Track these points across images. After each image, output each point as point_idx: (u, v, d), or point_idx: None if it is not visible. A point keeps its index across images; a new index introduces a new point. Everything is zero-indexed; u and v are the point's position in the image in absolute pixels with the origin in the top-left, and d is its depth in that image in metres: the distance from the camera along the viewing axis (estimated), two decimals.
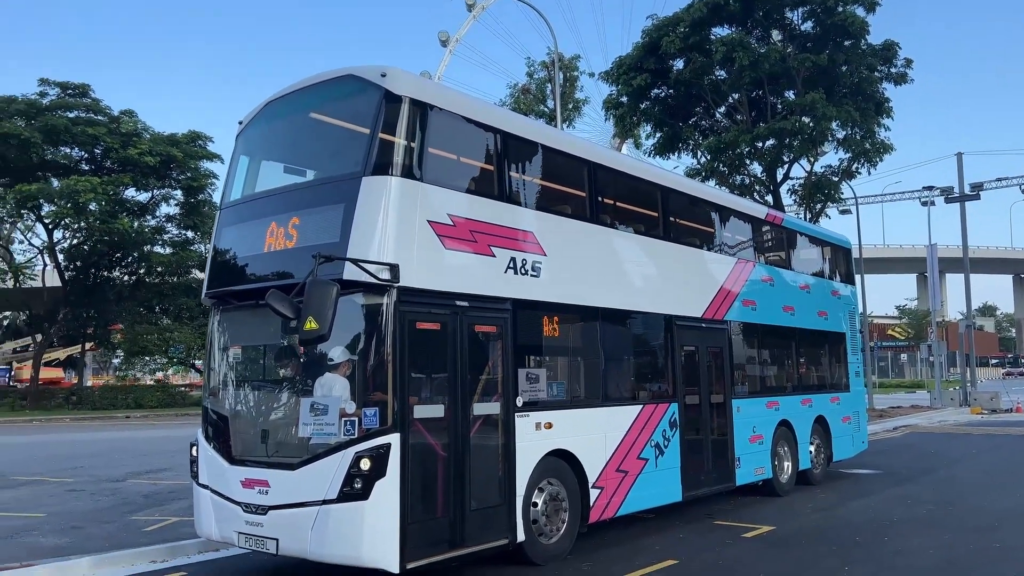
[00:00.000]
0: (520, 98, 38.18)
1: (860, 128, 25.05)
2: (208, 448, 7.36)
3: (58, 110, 36.33)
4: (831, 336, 14.04)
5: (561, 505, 7.89)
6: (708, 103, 27.34)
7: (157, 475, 14.58)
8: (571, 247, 8.46)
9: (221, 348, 7.84)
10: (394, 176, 6.65)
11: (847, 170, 26.88)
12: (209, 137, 39.69)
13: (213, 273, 7.82)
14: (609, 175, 9.36)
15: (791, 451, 12.12)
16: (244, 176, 8.04)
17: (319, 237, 6.72)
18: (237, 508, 6.85)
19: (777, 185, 27.09)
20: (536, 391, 7.74)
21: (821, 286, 14.04)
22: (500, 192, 7.74)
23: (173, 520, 10.00)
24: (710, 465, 10.30)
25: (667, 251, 10.08)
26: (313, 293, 5.97)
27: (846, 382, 14.42)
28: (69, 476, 14.52)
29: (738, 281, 11.36)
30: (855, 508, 10.72)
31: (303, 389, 6.90)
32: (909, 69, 25.42)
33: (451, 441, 6.81)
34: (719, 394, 10.71)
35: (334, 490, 6.22)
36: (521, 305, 7.65)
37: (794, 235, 13.69)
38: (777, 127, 24.52)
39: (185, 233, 41.33)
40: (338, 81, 7.39)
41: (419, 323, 6.72)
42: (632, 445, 8.89)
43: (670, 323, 9.87)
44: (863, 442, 15.00)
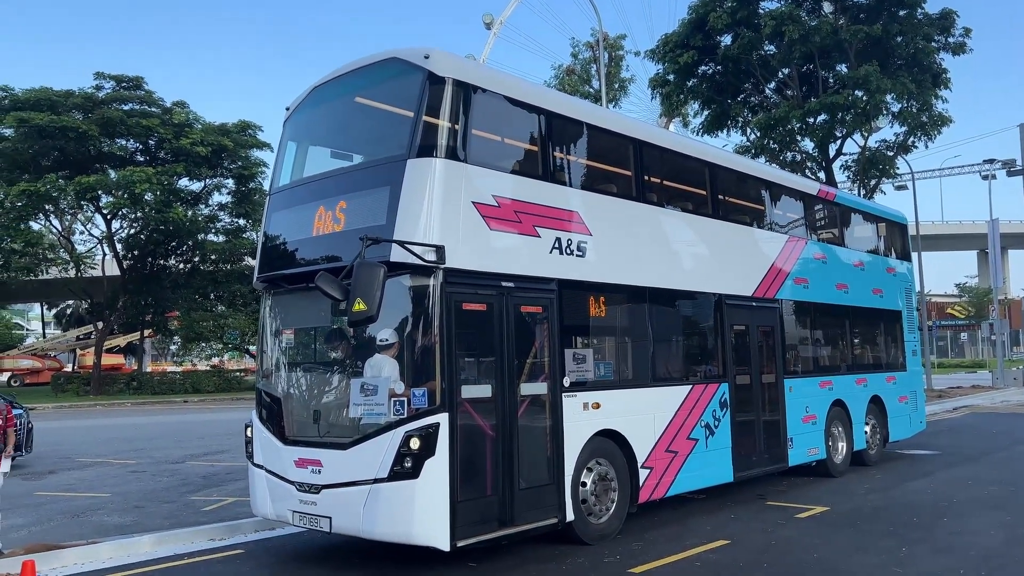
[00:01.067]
0: (565, 79, 37.91)
1: (916, 101, 24.27)
2: (262, 429, 7.52)
3: (113, 103, 37.32)
4: (886, 314, 13.70)
5: (610, 485, 7.88)
6: (757, 79, 26.78)
7: (214, 457, 14.99)
8: (617, 226, 8.39)
9: (273, 332, 7.98)
10: (438, 158, 6.67)
11: (903, 144, 26.11)
12: (259, 126, 40.38)
13: (264, 258, 7.96)
14: (655, 152, 9.24)
15: (845, 431, 11.89)
16: (292, 161, 8.14)
17: (366, 220, 6.78)
18: (291, 487, 6.99)
19: (830, 161, 26.45)
20: (583, 371, 7.72)
21: (876, 263, 13.69)
22: (545, 172, 7.70)
23: (230, 500, 10.27)
24: (762, 445, 10.17)
25: (716, 229, 9.93)
26: (361, 275, 6.03)
27: (903, 361, 14.06)
28: (131, 458, 15.02)
29: (790, 259, 11.14)
30: (913, 489, 10.49)
31: (353, 370, 7.00)
32: (967, 38, 24.51)
33: (499, 421, 6.84)
34: (770, 374, 10.54)
35: (385, 469, 6.30)
36: (567, 285, 7.62)
37: (847, 211, 13.35)
38: (829, 101, 23.88)
39: (237, 221, 42.22)
40: (382, 64, 7.42)
41: (465, 304, 6.75)
42: (682, 425, 8.82)
43: (720, 302, 9.74)
44: (921, 422, 14.64)
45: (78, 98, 36.65)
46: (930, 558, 7.01)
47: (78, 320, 66.84)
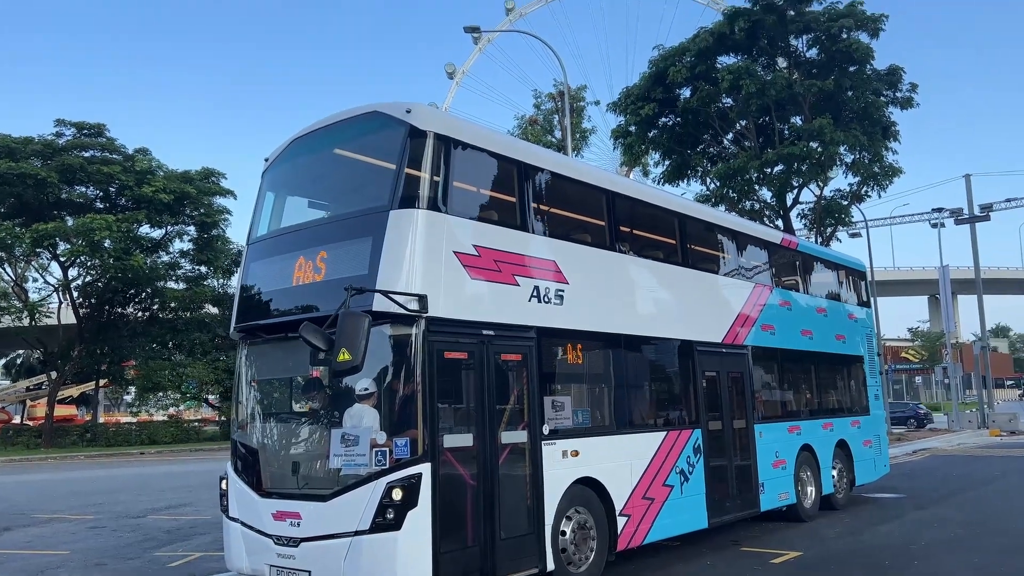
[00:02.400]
0: (528, 129, 38.55)
1: (868, 152, 25.23)
2: (238, 481, 7.40)
3: (74, 150, 36.86)
4: (849, 359, 14.04)
5: (589, 533, 7.88)
6: (716, 130, 27.60)
7: (177, 510, 14.59)
8: (592, 275, 8.55)
9: (249, 382, 7.91)
10: (420, 209, 6.78)
11: (856, 194, 27.04)
12: (222, 173, 40.18)
13: (241, 308, 7.92)
14: (627, 203, 9.48)
15: (814, 476, 12.06)
16: (270, 212, 8.18)
17: (347, 270, 6.82)
18: (268, 540, 6.87)
19: (787, 210, 27.21)
20: (562, 419, 7.78)
21: (838, 310, 14.06)
22: (523, 222, 7.85)
23: (197, 555, 10.01)
24: (734, 491, 10.27)
25: (686, 277, 10.15)
26: (346, 324, 6.06)
27: (866, 405, 14.37)
28: (89, 513, 14.55)
29: (756, 306, 11.41)
30: (882, 532, 10.65)
31: (333, 420, 6.96)
32: (914, 93, 25.67)
33: (480, 470, 6.84)
34: (741, 419, 10.70)
35: (367, 521, 6.25)
36: (545, 333, 7.72)
37: (809, 259, 13.74)
38: (785, 152, 24.71)
39: (198, 268, 41.65)
40: (364, 118, 7.55)
41: (447, 352, 6.80)
42: (657, 472, 8.89)
43: (691, 348, 9.91)
44: (885, 465, 14.92)
45: (37, 145, 36.17)
46: None
47: (28, 370, 64.78)
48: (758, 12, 25.04)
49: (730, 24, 25.30)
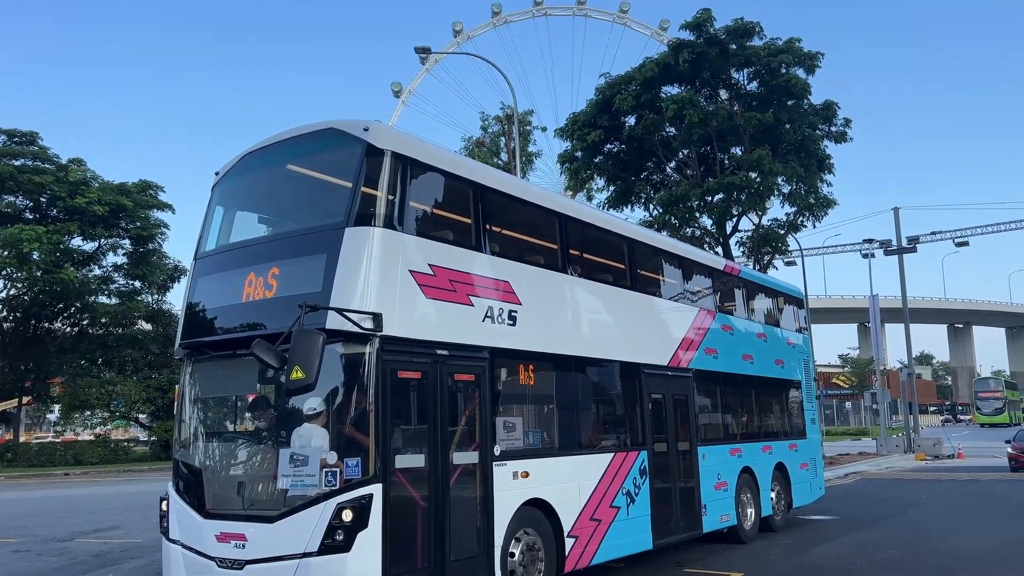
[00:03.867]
0: (475, 151, 38.69)
1: (804, 183, 26.06)
2: (180, 502, 7.19)
3: (3, 158, 35.57)
4: (787, 384, 14.41)
5: (538, 555, 7.88)
6: (659, 158, 28.17)
7: (106, 533, 14.04)
8: (545, 297, 8.63)
9: (193, 399, 7.71)
10: (376, 227, 6.75)
11: (792, 223, 27.84)
12: (160, 187, 39.24)
13: (187, 324, 7.73)
14: (579, 227, 9.61)
15: (754, 497, 12.30)
16: (219, 227, 8.03)
17: (300, 287, 6.74)
18: (211, 563, 6.67)
19: (727, 237, 27.87)
20: (513, 440, 7.79)
21: (777, 335, 14.44)
22: (478, 243, 7.89)
23: None
24: (678, 512, 10.40)
25: (634, 300, 10.31)
26: (299, 342, 5.98)
27: (803, 429, 14.75)
28: (12, 536, 13.89)
29: (700, 330, 11.64)
30: (819, 554, 10.90)
31: (280, 440, 6.83)
32: (848, 127, 26.65)
33: (431, 491, 6.80)
34: (685, 441, 10.87)
35: (315, 543, 6.14)
36: (498, 353, 7.74)
37: (751, 286, 14.10)
38: (726, 182, 25.36)
39: (132, 283, 40.42)
40: (319, 135, 7.51)
41: (400, 372, 6.76)
42: (605, 493, 8.96)
43: (638, 371, 10.05)
44: (820, 488, 15.31)
45: None
46: None
47: None
48: (701, 45, 25.73)
49: (675, 55, 25.93)
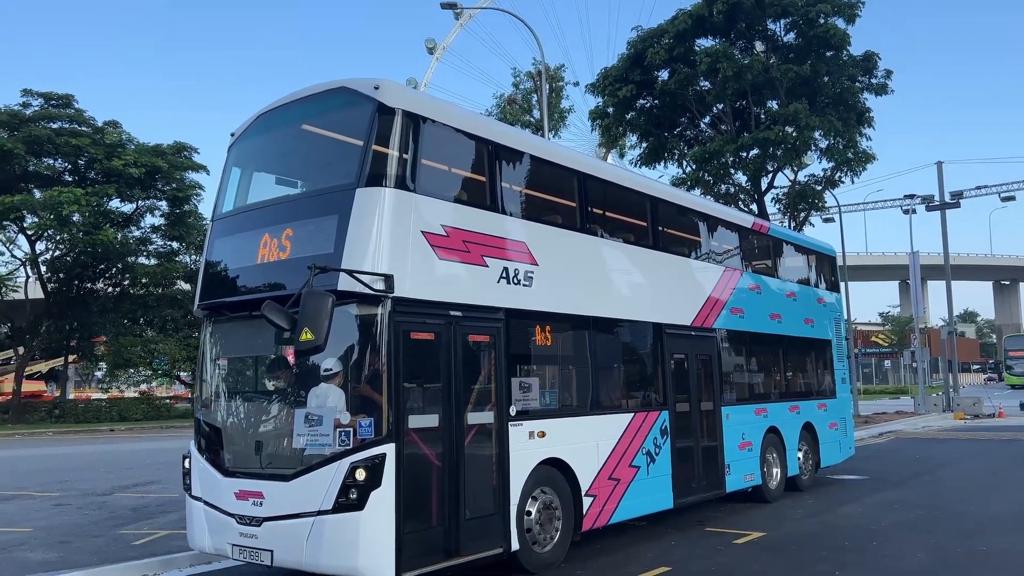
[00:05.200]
0: (506, 108, 38.31)
1: (842, 138, 25.36)
2: (201, 460, 7.34)
3: (41, 121, 36.08)
4: (817, 343, 14.18)
5: (555, 514, 7.92)
6: (693, 113, 27.60)
7: (144, 488, 14.47)
8: (562, 257, 8.53)
9: (213, 360, 7.82)
10: (388, 187, 6.70)
11: (830, 179, 27.21)
12: (194, 148, 39.56)
13: (205, 285, 7.81)
14: (599, 185, 9.45)
15: (780, 458, 12.21)
16: (236, 188, 8.05)
17: (313, 248, 6.74)
18: (231, 520, 6.83)
19: (761, 194, 27.35)
20: (529, 400, 7.79)
21: (807, 294, 14.19)
22: (492, 203, 7.80)
23: (163, 533, 9.93)
24: (700, 472, 10.37)
25: (656, 260, 10.17)
26: (308, 304, 5.99)
27: (833, 389, 14.56)
28: (55, 490, 14.38)
29: (726, 289, 11.46)
30: (844, 513, 10.82)
31: (297, 400, 6.90)
32: (889, 80, 25.78)
33: (445, 451, 6.83)
34: (709, 401, 10.79)
35: (329, 501, 6.22)
36: (513, 314, 7.70)
37: (780, 243, 13.83)
38: (761, 137, 24.78)
39: (170, 244, 41.06)
40: (331, 93, 7.43)
41: (413, 333, 6.75)
42: (624, 453, 8.95)
43: (660, 331, 9.95)
44: (850, 448, 15.15)
45: (3, 115, 35.33)
46: None
47: None
48: None
49: (709, 6, 25.21)
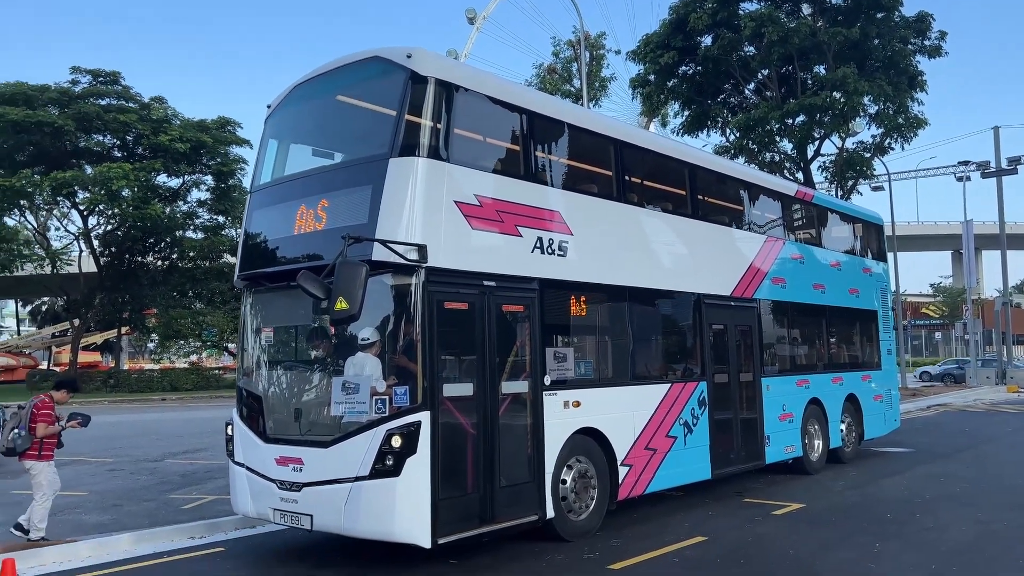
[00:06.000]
0: (546, 78, 37.97)
1: (893, 103, 24.60)
2: (243, 427, 7.52)
3: (90, 98, 36.86)
4: (862, 314, 13.90)
5: (590, 482, 7.95)
6: (737, 80, 27.03)
7: (192, 455, 14.91)
8: (598, 226, 8.46)
9: (254, 330, 7.97)
10: (421, 157, 6.70)
11: (879, 146, 26.46)
12: (238, 123, 40.08)
13: (245, 256, 7.94)
14: (636, 153, 9.33)
15: (821, 429, 12.05)
16: (273, 159, 8.13)
17: (348, 219, 6.79)
18: (272, 485, 6.99)
19: (808, 162, 26.76)
20: (564, 370, 7.79)
21: (852, 263, 13.88)
22: (526, 172, 7.76)
23: (210, 498, 10.24)
24: (739, 443, 10.29)
25: (695, 229, 10.03)
26: (343, 274, 6.05)
27: (878, 360, 14.27)
28: (109, 456, 14.90)
29: (768, 259, 11.27)
30: (887, 486, 10.66)
31: (335, 369, 7.01)
32: (943, 41, 24.90)
33: (480, 419, 6.88)
34: (748, 372, 10.67)
35: (366, 467, 6.33)
36: (548, 285, 7.68)
37: (825, 212, 13.53)
38: (807, 103, 24.16)
39: (216, 218, 41.85)
40: (364, 63, 7.43)
41: (447, 303, 6.78)
42: (660, 423, 8.92)
43: (699, 301, 9.84)
44: (895, 420, 14.87)
45: (54, 93, 36.18)
46: (903, 554, 7.15)
47: (54, 317, 65.97)
48: None
49: None
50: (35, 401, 7.92)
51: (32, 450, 7.76)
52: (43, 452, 7.83)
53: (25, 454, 7.74)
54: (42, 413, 7.79)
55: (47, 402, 7.91)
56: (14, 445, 7.71)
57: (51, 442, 7.90)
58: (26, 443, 7.70)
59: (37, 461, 7.80)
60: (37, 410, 7.79)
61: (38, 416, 7.76)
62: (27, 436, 7.70)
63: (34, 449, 7.77)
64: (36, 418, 7.76)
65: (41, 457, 7.83)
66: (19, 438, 7.70)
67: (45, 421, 7.77)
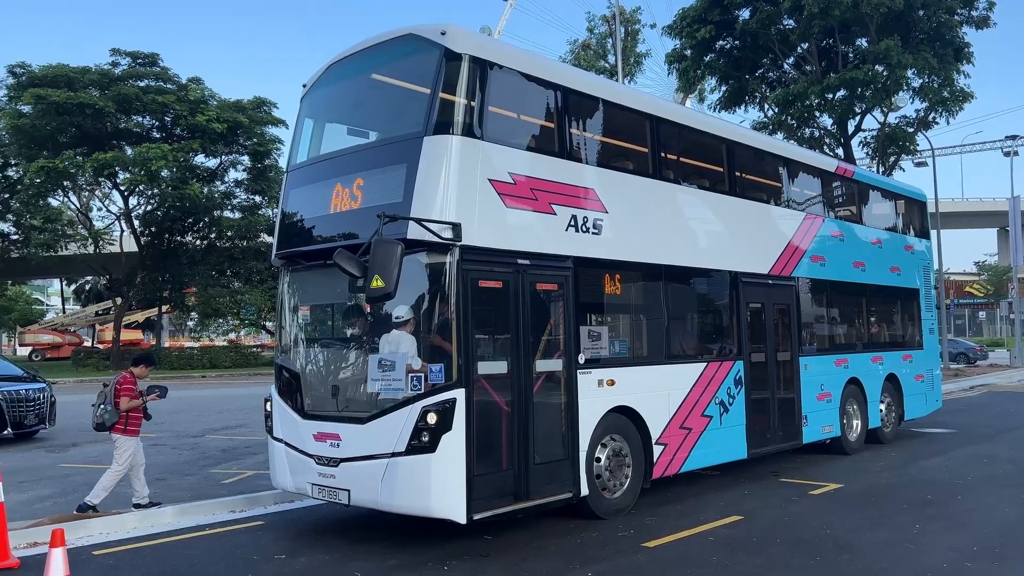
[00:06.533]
0: (580, 54, 37.61)
1: (938, 76, 23.98)
2: (281, 403, 7.63)
3: (129, 79, 37.34)
4: (904, 292, 13.63)
5: (624, 461, 7.94)
6: (776, 54, 26.51)
7: (232, 431, 15.20)
8: (633, 204, 8.39)
9: (291, 308, 8.07)
10: (455, 135, 6.68)
11: (923, 120, 25.85)
12: (274, 103, 40.31)
13: (282, 235, 8.02)
14: (672, 129, 9.21)
15: (860, 409, 11.89)
16: (309, 138, 8.17)
17: (383, 197, 6.81)
18: (310, 460, 7.10)
19: (848, 138, 26.23)
20: (598, 348, 7.76)
21: (894, 241, 13.60)
22: (561, 149, 7.70)
23: (249, 473, 10.44)
24: (776, 423, 10.20)
25: (732, 206, 9.90)
26: (378, 252, 6.08)
27: (919, 339, 14.01)
28: (151, 432, 15.19)
29: (806, 236, 11.09)
30: (927, 467, 10.50)
31: (371, 346, 7.07)
32: (991, 12, 24.13)
33: (514, 397, 6.90)
34: (786, 351, 10.54)
35: (402, 443, 6.39)
36: (582, 263, 7.64)
37: (866, 188, 13.25)
38: (849, 77, 23.62)
39: (253, 198, 42.26)
40: (398, 41, 7.42)
41: (482, 281, 6.79)
42: (696, 403, 8.86)
43: (735, 280, 9.73)
44: (937, 400, 14.61)
45: (94, 75, 36.71)
46: (944, 535, 7.05)
47: (97, 296, 67.55)
48: None
49: None
50: (117, 378, 8.40)
51: (119, 424, 8.26)
52: (129, 427, 8.31)
53: (113, 428, 8.25)
54: (124, 388, 8.28)
55: (128, 378, 8.40)
56: (103, 420, 8.27)
57: (137, 417, 8.40)
58: (113, 417, 8.22)
59: (123, 435, 8.29)
60: (119, 385, 8.29)
61: (121, 391, 8.24)
62: (113, 411, 8.23)
63: (121, 423, 8.26)
64: (119, 393, 8.24)
65: (127, 431, 8.30)
66: (107, 413, 8.24)
67: (128, 395, 8.26)
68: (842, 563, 6.23)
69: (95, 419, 8.30)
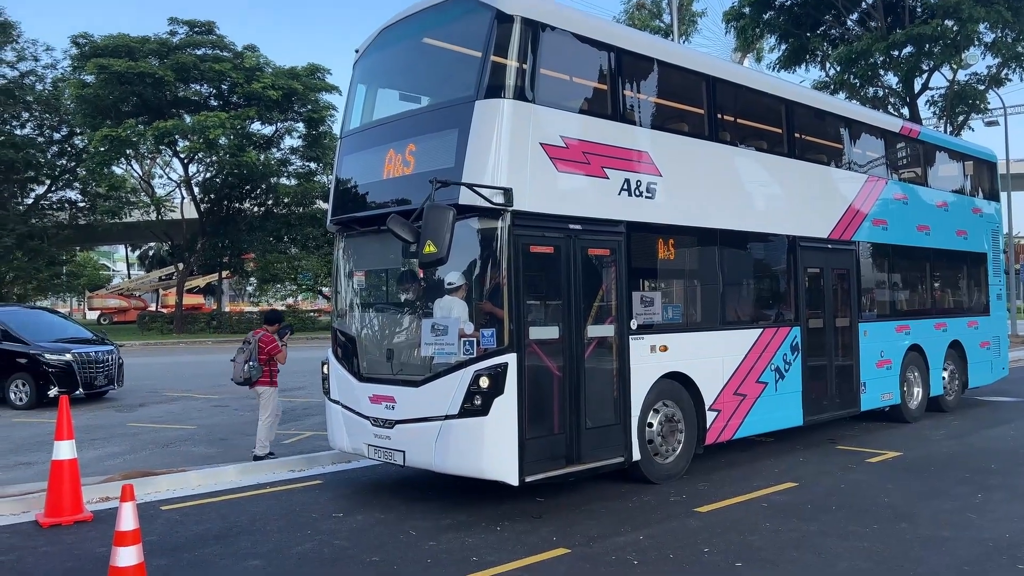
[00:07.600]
0: (635, 14, 36.83)
1: (1012, 30, 22.80)
2: (338, 367, 7.78)
3: (187, 48, 37.93)
4: (970, 257, 13.17)
5: (677, 426, 7.92)
6: (838, 10, 25.53)
7: (291, 393, 15.58)
8: (688, 167, 8.24)
9: (347, 273, 8.18)
10: (507, 99, 6.63)
11: (995, 77, 24.71)
12: (327, 69, 40.48)
13: (336, 201, 8.11)
14: (729, 90, 8.98)
15: (922, 376, 11.60)
16: (362, 104, 8.21)
17: (435, 163, 6.82)
18: (366, 422, 7.25)
19: (914, 97, 25.23)
20: (650, 314, 7.71)
21: (961, 203, 13.12)
22: (614, 112, 7.58)
23: (308, 434, 10.72)
24: (833, 390, 10.01)
25: (791, 169, 9.65)
26: (430, 217, 6.11)
27: (986, 305, 13.55)
28: (214, 393, 15.74)
29: (868, 199, 10.77)
30: (991, 436, 10.22)
31: (424, 311, 7.15)
32: None
33: (566, 362, 6.91)
34: (844, 317, 10.31)
35: (455, 406, 6.48)
36: (635, 227, 7.56)
37: (932, 149, 12.77)
38: (916, 32, 22.63)
39: (308, 165, 42.77)
40: (451, 4, 7.36)
41: (533, 246, 6.78)
42: (751, 369, 8.75)
43: (793, 244, 9.52)
44: (1003, 368, 14.15)
45: (153, 44, 37.38)
46: (1007, 504, 6.87)
47: (160, 261, 69.63)
48: None
49: None
50: (259, 336, 8.98)
51: (265, 376, 8.91)
52: (273, 379, 9.00)
53: (259, 381, 8.88)
54: (272, 345, 8.93)
55: (270, 335, 9.00)
56: (250, 375, 8.84)
57: (276, 369, 9.07)
58: (258, 372, 8.85)
59: (268, 386, 8.95)
60: (265, 344, 8.90)
61: (270, 349, 8.89)
62: (258, 366, 8.82)
63: (266, 376, 8.93)
64: (269, 351, 8.88)
65: (272, 383, 8.99)
66: (253, 368, 8.82)
67: (279, 351, 8.98)
68: (900, 531, 6.14)
69: (241, 375, 8.82)
